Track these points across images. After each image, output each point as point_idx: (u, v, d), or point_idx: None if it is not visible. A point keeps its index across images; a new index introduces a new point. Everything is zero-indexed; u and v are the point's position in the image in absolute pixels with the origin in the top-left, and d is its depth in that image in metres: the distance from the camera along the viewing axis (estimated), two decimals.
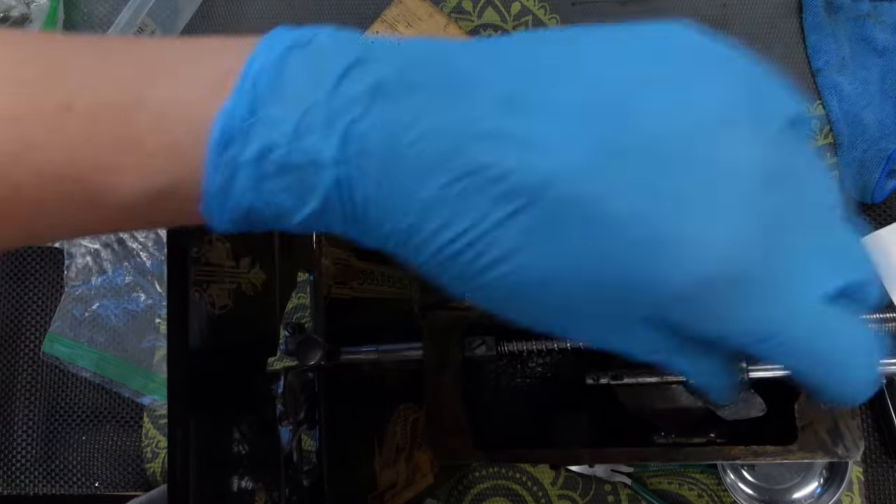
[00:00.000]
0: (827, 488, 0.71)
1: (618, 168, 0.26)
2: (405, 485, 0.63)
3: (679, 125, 0.26)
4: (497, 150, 0.26)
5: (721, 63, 0.29)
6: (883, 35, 0.81)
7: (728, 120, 0.27)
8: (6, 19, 0.82)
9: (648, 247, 0.26)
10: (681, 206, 0.26)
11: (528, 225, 0.27)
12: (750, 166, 0.26)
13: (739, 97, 0.27)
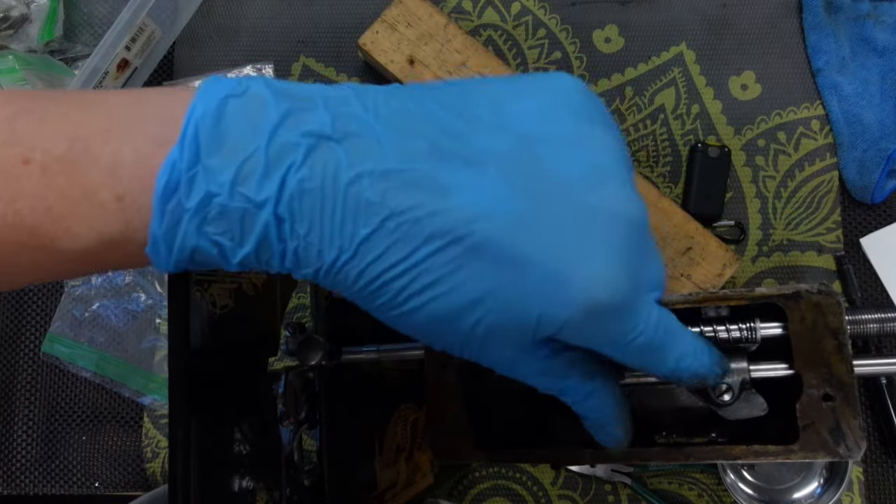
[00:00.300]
0: (827, 488, 0.71)
1: (528, 215, 0.31)
2: (405, 485, 0.63)
3: (579, 177, 0.32)
4: (423, 195, 0.30)
5: (604, 120, 0.34)
6: (883, 35, 0.81)
7: (613, 174, 0.32)
8: (6, 19, 0.82)
9: (551, 283, 0.31)
10: (576, 249, 0.31)
11: (449, 261, 0.31)
12: (629, 215, 0.32)
13: (620, 151, 0.33)
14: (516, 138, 0.32)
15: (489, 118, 0.32)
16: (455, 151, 0.31)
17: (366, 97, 0.32)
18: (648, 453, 0.42)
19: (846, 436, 0.39)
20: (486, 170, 0.31)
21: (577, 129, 0.33)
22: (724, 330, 0.42)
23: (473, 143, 0.31)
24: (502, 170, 0.31)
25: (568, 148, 0.32)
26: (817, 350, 0.40)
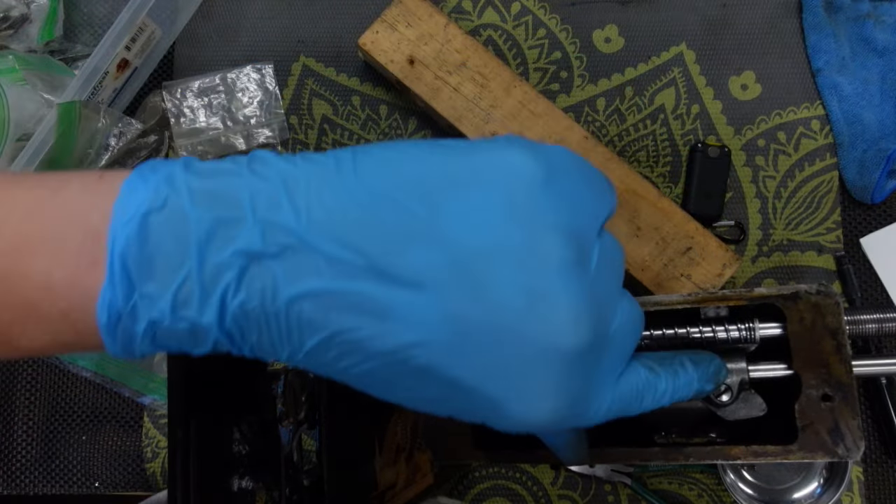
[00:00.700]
0: (827, 488, 0.71)
1: (462, 345, 0.30)
2: (405, 485, 0.63)
3: (515, 306, 0.30)
4: (362, 317, 0.30)
5: (555, 221, 0.31)
6: (883, 35, 0.81)
7: (554, 298, 0.30)
8: (6, 19, 0.82)
9: (491, 408, 0.31)
10: (511, 382, 0.31)
11: (397, 374, 0.31)
12: (569, 346, 0.31)
13: (566, 263, 0.31)
14: (452, 253, 0.30)
15: (425, 218, 0.30)
16: (391, 270, 0.30)
17: (297, 194, 0.30)
18: (648, 454, 0.42)
19: (845, 436, 0.39)
20: (421, 291, 0.30)
21: (518, 240, 0.30)
22: (724, 330, 0.42)
23: (409, 258, 0.30)
24: (438, 292, 0.30)
25: (507, 267, 0.30)
26: (816, 350, 0.40)
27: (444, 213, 0.30)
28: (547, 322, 0.30)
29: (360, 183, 0.31)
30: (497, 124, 0.78)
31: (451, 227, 0.30)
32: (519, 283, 0.30)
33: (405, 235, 0.30)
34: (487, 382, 0.31)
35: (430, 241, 0.30)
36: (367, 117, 0.86)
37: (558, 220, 0.31)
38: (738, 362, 0.42)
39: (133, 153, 0.85)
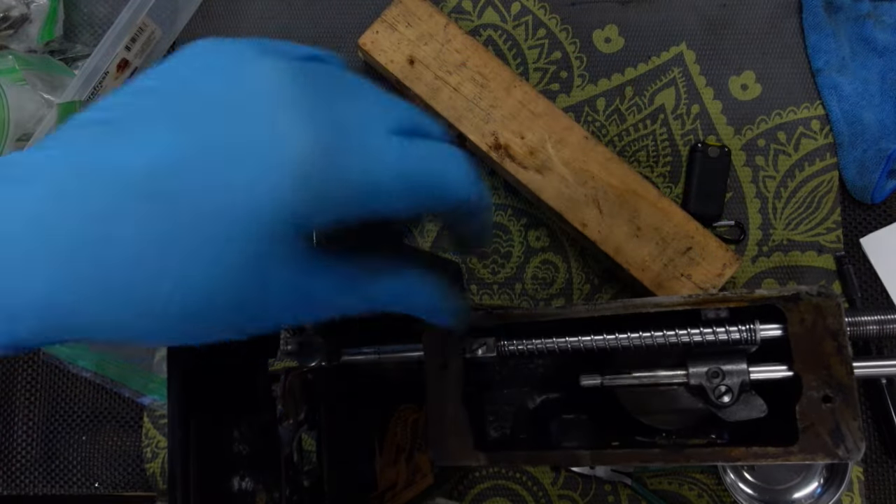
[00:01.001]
0: (827, 488, 0.71)
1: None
2: (405, 485, 0.63)
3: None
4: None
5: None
6: (883, 35, 0.81)
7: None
8: (6, 19, 0.82)
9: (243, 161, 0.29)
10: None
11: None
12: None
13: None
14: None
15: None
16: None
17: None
18: (648, 455, 0.42)
19: (846, 437, 0.39)
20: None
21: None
22: (724, 332, 0.42)
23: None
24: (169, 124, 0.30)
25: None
26: (817, 352, 0.40)
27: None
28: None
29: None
30: (497, 124, 0.78)
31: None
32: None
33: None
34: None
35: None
36: None
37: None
38: (739, 364, 0.42)
39: None
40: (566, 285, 0.82)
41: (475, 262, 0.83)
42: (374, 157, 0.31)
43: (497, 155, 0.77)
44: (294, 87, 0.30)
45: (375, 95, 0.33)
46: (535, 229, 0.83)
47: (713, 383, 0.43)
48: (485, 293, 0.83)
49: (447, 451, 0.46)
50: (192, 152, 0.29)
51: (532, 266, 0.83)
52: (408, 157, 0.32)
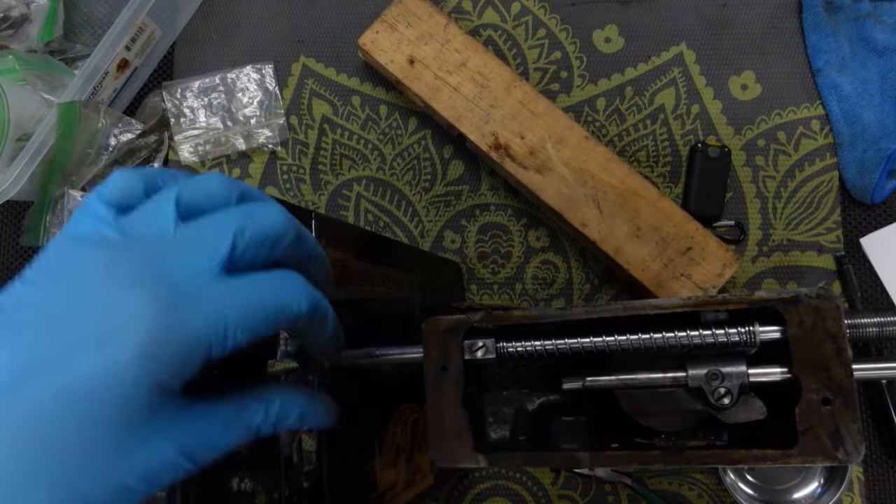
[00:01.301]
0: (827, 488, 0.71)
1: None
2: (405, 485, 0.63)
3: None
4: None
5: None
6: (883, 35, 0.81)
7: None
8: (6, 19, 0.82)
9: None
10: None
11: None
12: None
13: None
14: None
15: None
16: None
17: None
18: (648, 457, 0.42)
19: (845, 440, 0.39)
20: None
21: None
22: (723, 334, 0.42)
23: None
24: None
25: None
26: (816, 354, 0.40)
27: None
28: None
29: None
30: (497, 124, 0.78)
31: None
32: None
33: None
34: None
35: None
36: (367, 117, 0.86)
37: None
38: (739, 366, 0.42)
39: (133, 153, 0.85)
40: (566, 285, 0.82)
41: (475, 262, 0.83)
42: (209, 306, 0.33)
43: (497, 155, 0.77)
44: (116, 263, 0.33)
45: (202, 230, 0.35)
46: (535, 229, 0.83)
47: (712, 385, 0.43)
48: (485, 293, 0.83)
49: (447, 452, 0.46)
50: (31, 362, 0.31)
51: (532, 266, 0.83)
52: (244, 294, 0.34)
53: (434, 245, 0.84)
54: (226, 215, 0.35)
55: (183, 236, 0.34)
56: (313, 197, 0.85)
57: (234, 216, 0.35)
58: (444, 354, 0.46)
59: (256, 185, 0.86)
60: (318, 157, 0.86)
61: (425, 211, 0.84)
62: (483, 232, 0.84)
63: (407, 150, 0.85)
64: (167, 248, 0.34)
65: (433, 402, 0.46)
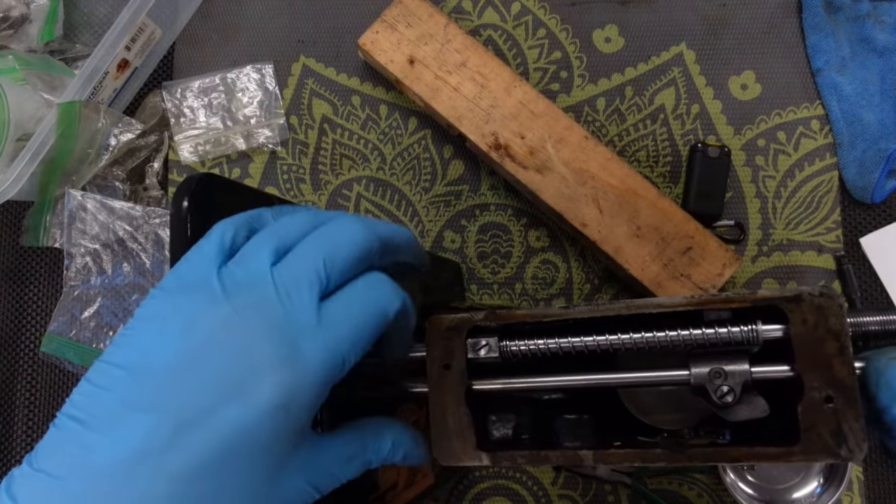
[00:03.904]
0: (827, 488, 0.71)
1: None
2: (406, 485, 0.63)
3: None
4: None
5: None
6: (883, 35, 0.81)
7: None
8: (6, 19, 0.82)
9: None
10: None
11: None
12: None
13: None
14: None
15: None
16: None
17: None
18: (651, 455, 0.42)
19: (847, 438, 0.39)
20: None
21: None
22: (726, 332, 0.42)
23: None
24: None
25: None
26: (819, 352, 0.40)
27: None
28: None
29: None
30: (497, 124, 0.78)
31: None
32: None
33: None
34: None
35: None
36: (367, 117, 0.86)
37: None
38: (741, 364, 0.42)
39: (133, 153, 0.85)
40: (566, 285, 0.83)
41: (475, 262, 0.83)
42: (324, 343, 0.36)
43: (497, 155, 0.78)
44: (233, 319, 0.35)
45: (295, 269, 0.37)
46: (535, 229, 0.83)
47: (715, 383, 0.43)
48: (485, 293, 0.83)
49: (450, 450, 0.46)
50: (176, 423, 0.34)
51: (532, 266, 0.83)
52: (348, 320, 0.37)
53: (434, 245, 0.84)
54: (310, 248, 0.38)
55: (281, 282, 0.36)
56: (313, 197, 0.85)
57: (317, 248, 0.38)
58: (447, 353, 0.46)
59: (256, 185, 0.86)
60: (318, 157, 0.86)
61: (425, 211, 0.84)
62: (483, 232, 0.84)
63: (407, 150, 0.85)
64: (271, 296, 0.36)
65: (436, 400, 0.46)
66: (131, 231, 0.82)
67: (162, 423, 0.33)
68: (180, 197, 0.41)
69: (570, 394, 0.53)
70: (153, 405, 0.34)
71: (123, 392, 0.34)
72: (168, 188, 0.86)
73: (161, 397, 0.34)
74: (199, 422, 0.33)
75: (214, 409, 0.34)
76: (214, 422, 0.33)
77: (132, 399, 0.34)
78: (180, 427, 0.33)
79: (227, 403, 0.34)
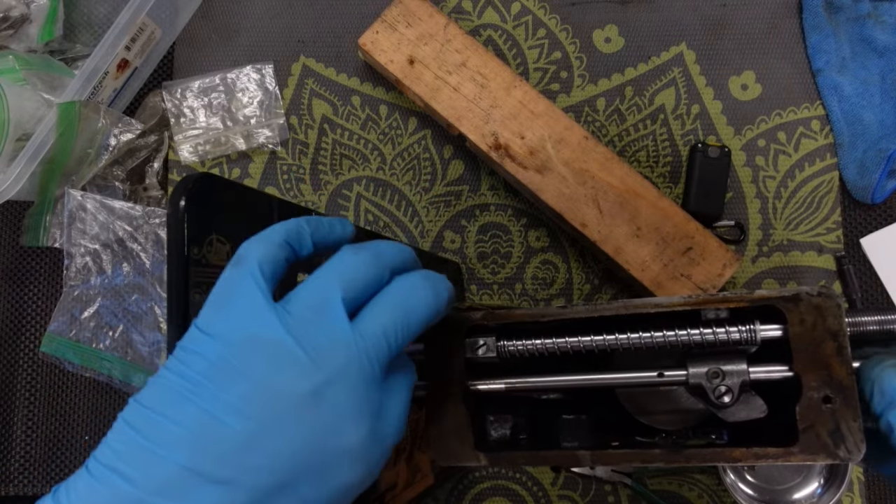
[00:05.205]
0: (827, 488, 0.71)
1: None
2: (405, 485, 0.63)
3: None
4: None
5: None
6: (883, 35, 0.81)
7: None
8: (6, 19, 0.82)
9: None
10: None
11: None
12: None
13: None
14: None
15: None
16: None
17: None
18: (649, 455, 0.42)
19: (846, 438, 0.39)
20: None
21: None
22: (724, 332, 0.42)
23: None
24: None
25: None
26: (817, 352, 0.40)
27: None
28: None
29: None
30: (497, 124, 0.78)
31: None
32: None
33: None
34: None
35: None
36: (367, 117, 0.86)
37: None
38: (739, 364, 0.42)
39: (133, 153, 0.85)
40: (566, 285, 0.82)
41: (475, 262, 0.83)
42: (393, 414, 0.36)
43: (497, 155, 0.78)
44: (316, 396, 0.33)
45: (372, 337, 0.35)
46: (535, 229, 0.83)
47: (713, 383, 0.43)
48: (485, 293, 0.83)
49: (448, 451, 0.46)
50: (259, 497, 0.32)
51: (532, 266, 0.83)
52: (405, 387, 0.38)
53: (434, 245, 0.84)
54: (386, 314, 0.36)
55: (364, 352, 0.34)
56: (313, 197, 0.85)
57: (394, 316, 0.36)
58: (445, 353, 0.46)
59: (256, 185, 0.86)
60: (318, 157, 0.86)
61: (425, 211, 0.84)
62: (483, 232, 0.84)
63: (407, 150, 0.85)
64: (355, 368, 0.34)
65: (434, 400, 0.46)
66: (131, 231, 0.82)
67: (234, 498, 0.31)
68: (178, 197, 0.41)
69: (569, 394, 0.53)
70: (225, 477, 0.31)
71: (187, 456, 0.31)
72: (168, 188, 0.86)
73: (233, 470, 0.31)
74: (270, 499, 0.32)
75: (292, 487, 0.32)
76: (288, 498, 0.32)
77: (198, 467, 0.31)
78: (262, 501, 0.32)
79: (305, 483, 0.33)
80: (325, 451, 0.33)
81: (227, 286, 0.35)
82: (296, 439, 0.32)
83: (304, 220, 0.38)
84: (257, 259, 0.35)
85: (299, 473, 0.32)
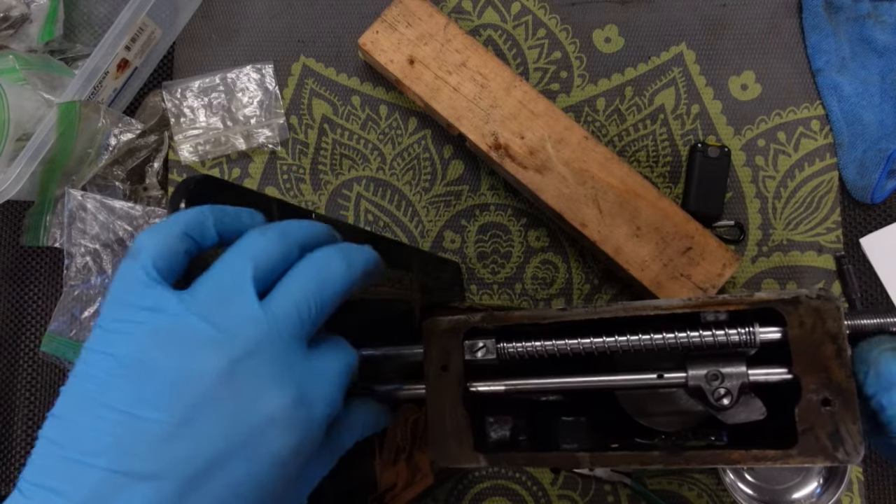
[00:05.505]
0: (827, 488, 0.71)
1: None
2: (405, 485, 0.63)
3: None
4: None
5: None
6: (883, 35, 0.81)
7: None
8: (6, 19, 0.82)
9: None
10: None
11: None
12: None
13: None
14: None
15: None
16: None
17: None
18: (648, 457, 0.42)
19: (845, 440, 0.39)
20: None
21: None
22: (723, 334, 0.42)
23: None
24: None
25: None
26: (816, 355, 0.40)
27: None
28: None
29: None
30: (497, 124, 0.78)
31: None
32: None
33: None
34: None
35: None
36: (367, 117, 0.86)
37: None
38: (738, 366, 0.42)
39: (133, 153, 0.85)
40: (566, 285, 0.83)
41: (475, 262, 0.83)
42: (321, 383, 0.37)
43: (497, 155, 0.78)
44: (235, 370, 0.33)
45: (285, 309, 0.36)
46: (535, 229, 0.83)
47: (712, 385, 0.43)
48: (485, 293, 0.83)
49: (447, 452, 0.46)
50: (188, 479, 0.32)
51: (532, 266, 0.83)
52: (332, 359, 0.38)
53: (434, 245, 0.84)
54: (298, 289, 0.36)
55: (275, 326, 0.35)
56: (313, 197, 0.85)
57: (306, 290, 0.36)
58: (444, 355, 0.46)
59: (256, 185, 0.86)
60: (318, 157, 0.86)
61: (425, 211, 0.84)
62: (483, 232, 0.84)
63: (407, 150, 0.85)
64: (268, 342, 0.34)
65: (433, 401, 0.46)
66: (131, 231, 0.82)
67: (163, 490, 0.31)
68: (178, 199, 0.41)
69: (568, 395, 0.53)
70: (152, 472, 0.31)
71: (110, 459, 0.31)
72: (168, 188, 0.86)
73: (159, 463, 0.31)
74: (202, 483, 0.32)
75: (221, 466, 0.32)
76: (221, 477, 0.32)
77: (123, 467, 0.31)
78: (184, 493, 0.31)
79: (234, 459, 0.32)
80: (249, 422, 0.33)
81: (122, 280, 0.35)
82: (217, 417, 0.32)
83: (207, 208, 0.38)
84: (150, 253, 0.35)
85: (226, 451, 0.32)
